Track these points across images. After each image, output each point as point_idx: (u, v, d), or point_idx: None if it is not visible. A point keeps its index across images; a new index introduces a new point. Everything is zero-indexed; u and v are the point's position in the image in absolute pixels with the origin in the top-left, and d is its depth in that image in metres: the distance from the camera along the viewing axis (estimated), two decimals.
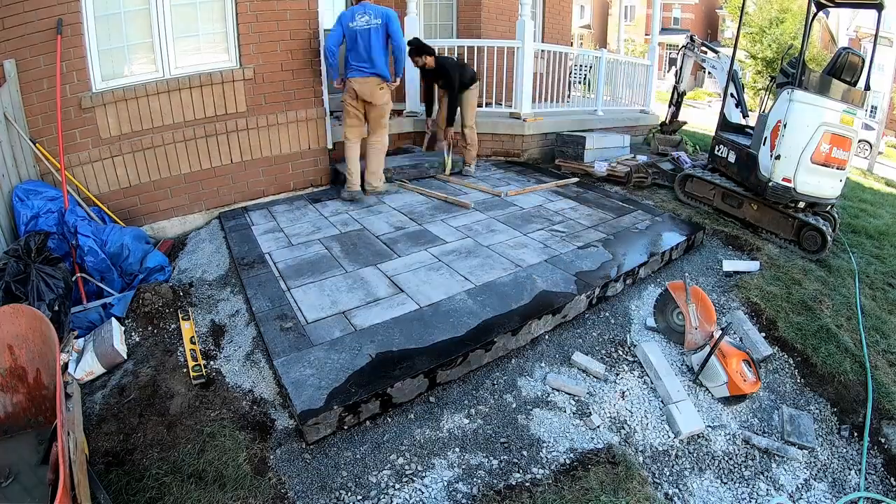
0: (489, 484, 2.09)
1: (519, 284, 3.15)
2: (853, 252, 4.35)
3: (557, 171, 5.86)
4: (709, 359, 2.75)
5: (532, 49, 5.90)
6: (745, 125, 5.14)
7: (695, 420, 2.54)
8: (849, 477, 2.48)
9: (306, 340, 2.60)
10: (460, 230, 3.96)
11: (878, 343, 3.17)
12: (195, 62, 3.97)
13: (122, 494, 1.89)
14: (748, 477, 2.39)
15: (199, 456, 2.05)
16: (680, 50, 6.62)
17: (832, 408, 2.84)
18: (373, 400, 2.28)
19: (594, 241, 3.83)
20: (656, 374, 2.74)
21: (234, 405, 2.36)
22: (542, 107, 6.60)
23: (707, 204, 4.89)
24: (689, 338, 2.94)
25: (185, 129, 3.98)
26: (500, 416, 2.42)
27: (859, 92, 4.04)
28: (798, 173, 4.00)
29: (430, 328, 2.70)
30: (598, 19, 34.85)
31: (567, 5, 9.09)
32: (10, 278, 2.41)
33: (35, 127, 3.41)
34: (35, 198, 3.19)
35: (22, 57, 3.28)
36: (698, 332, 2.92)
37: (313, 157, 4.74)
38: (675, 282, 3.15)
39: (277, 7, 4.17)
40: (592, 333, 3.03)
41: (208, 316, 3.02)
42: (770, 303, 3.41)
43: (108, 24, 3.59)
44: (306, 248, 3.64)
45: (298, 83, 4.44)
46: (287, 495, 1.98)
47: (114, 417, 2.27)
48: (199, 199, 4.21)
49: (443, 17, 7.49)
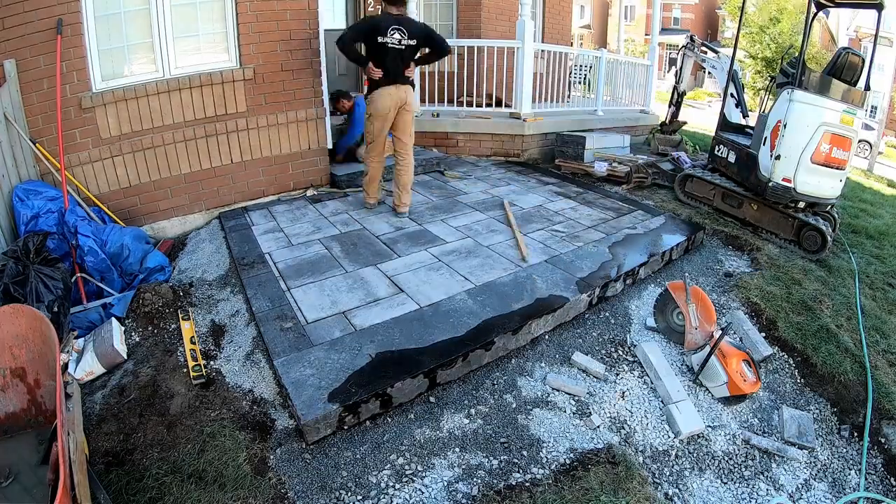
0: (489, 484, 2.09)
1: (519, 284, 3.15)
2: (853, 252, 4.36)
3: (557, 171, 5.86)
4: (709, 358, 2.75)
5: (532, 49, 5.90)
6: (745, 125, 5.14)
7: (695, 420, 2.54)
8: (849, 477, 2.48)
9: (306, 340, 2.60)
10: (460, 230, 3.96)
11: (878, 343, 3.17)
12: (195, 62, 3.97)
13: (122, 494, 1.89)
14: (748, 477, 2.39)
15: (199, 456, 2.05)
16: (680, 50, 6.63)
17: (832, 408, 2.84)
18: (373, 400, 2.28)
19: (594, 241, 3.83)
20: (656, 374, 2.74)
21: (234, 405, 2.36)
22: (542, 107, 6.60)
23: (707, 204, 4.89)
24: (689, 338, 2.94)
25: (186, 129, 3.98)
26: (500, 416, 2.42)
27: (859, 92, 4.04)
28: (798, 173, 4.00)
29: (430, 328, 2.70)
30: (598, 19, 34.85)
31: (567, 5, 9.09)
32: (8, 280, 2.40)
33: (35, 127, 3.41)
34: (35, 198, 3.19)
35: (22, 57, 3.27)
36: (698, 332, 2.92)
37: (313, 157, 4.74)
38: (675, 282, 3.14)
39: (277, 7, 4.17)
40: (592, 333, 3.03)
41: (208, 316, 3.02)
42: (770, 303, 3.41)
43: (108, 24, 3.58)
44: (306, 248, 3.64)
45: (298, 83, 4.44)
46: (287, 495, 1.98)
47: (114, 417, 2.27)
48: (199, 199, 4.21)
49: (443, 17, 7.49)
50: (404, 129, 4.08)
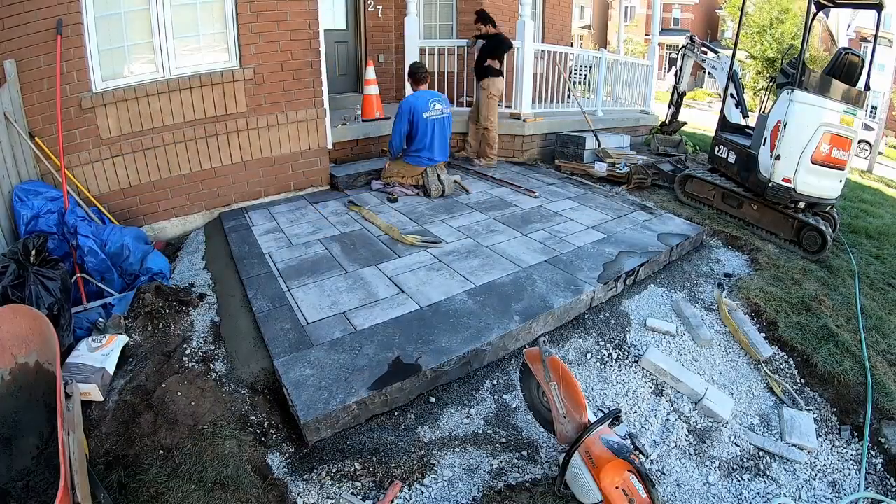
0: (489, 484, 2.09)
1: (519, 285, 3.15)
2: (853, 252, 4.35)
3: (557, 172, 5.86)
4: (569, 460, 1.93)
5: (532, 49, 5.90)
6: (745, 125, 5.14)
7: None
8: (849, 477, 2.47)
9: (306, 341, 2.60)
10: (460, 230, 3.96)
11: (878, 343, 3.17)
12: (195, 62, 3.97)
13: (122, 494, 1.89)
14: (748, 477, 2.38)
15: (199, 456, 2.05)
16: (680, 50, 6.63)
17: (832, 408, 2.83)
18: (373, 400, 2.28)
19: (594, 241, 3.83)
20: (673, 377, 2.72)
21: (235, 406, 2.36)
22: (542, 107, 6.60)
23: (707, 204, 4.89)
24: (558, 427, 2.09)
25: (186, 129, 3.98)
26: (500, 416, 2.42)
27: (859, 92, 4.04)
28: (798, 173, 4.00)
29: (430, 328, 2.70)
30: (598, 19, 34.86)
31: (567, 5, 9.09)
32: (7, 282, 2.39)
33: (35, 127, 3.41)
34: (35, 198, 3.18)
35: (22, 57, 3.27)
36: (567, 420, 2.05)
37: (313, 158, 4.74)
38: (531, 349, 2.30)
39: (277, 7, 4.17)
40: (592, 334, 3.03)
41: (208, 316, 3.02)
42: (770, 303, 3.41)
43: (109, 24, 3.59)
44: (306, 248, 3.64)
45: (298, 83, 4.44)
46: (288, 496, 1.98)
47: (114, 417, 2.27)
48: (200, 200, 4.21)
49: (443, 17, 7.49)
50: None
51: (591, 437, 1.88)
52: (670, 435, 2.50)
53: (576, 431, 1.99)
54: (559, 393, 2.07)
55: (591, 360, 2.85)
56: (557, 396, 2.06)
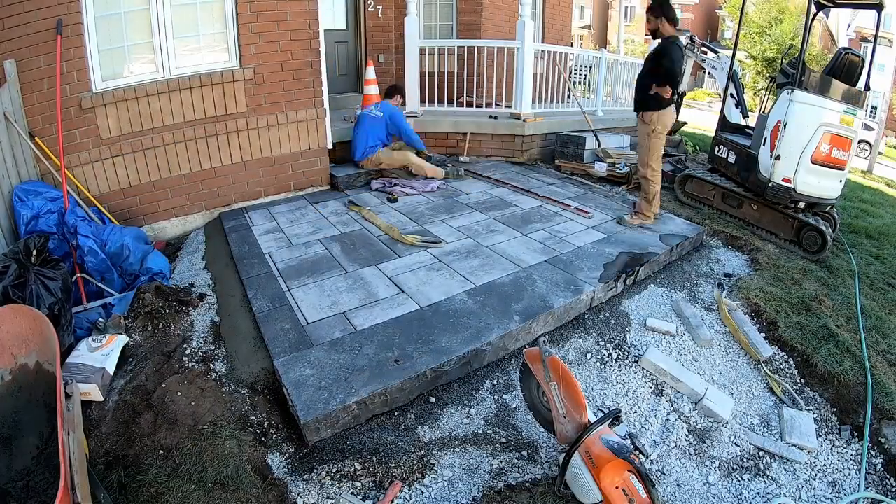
0: (489, 484, 2.09)
1: (519, 285, 3.15)
2: (853, 252, 4.36)
3: (557, 171, 5.86)
4: (569, 459, 1.93)
5: (532, 49, 5.90)
6: (745, 125, 5.14)
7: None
8: (849, 477, 2.47)
9: (306, 340, 2.60)
10: (460, 230, 3.96)
11: (878, 343, 3.17)
12: (195, 62, 3.97)
13: (122, 494, 1.89)
14: (748, 477, 2.38)
15: (199, 456, 2.05)
16: None
17: (832, 408, 2.83)
18: (372, 400, 2.28)
19: (594, 241, 3.83)
20: (673, 377, 2.72)
21: (235, 405, 2.36)
22: (542, 107, 6.60)
23: (707, 204, 4.89)
24: (558, 428, 2.09)
25: (186, 129, 3.98)
26: (500, 416, 2.42)
27: (859, 92, 4.05)
28: (798, 173, 4.00)
29: (430, 328, 2.70)
30: (598, 19, 34.85)
31: (567, 5, 9.10)
32: (8, 282, 2.39)
33: (35, 127, 3.41)
34: (35, 198, 3.18)
35: (22, 57, 3.27)
36: (567, 421, 2.05)
37: (313, 158, 4.74)
38: (531, 349, 2.30)
39: (277, 7, 4.17)
40: (592, 333, 3.03)
41: (208, 316, 3.02)
42: (770, 303, 3.41)
43: (109, 24, 3.59)
44: (306, 248, 3.64)
45: (298, 83, 4.44)
46: (288, 496, 1.98)
47: (114, 417, 2.27)
48: (200, 200, 4.21)
49: (443, 17, 7.49)
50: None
51: (591, 437, 1.88)
52: (670, 435, 2.50)
53: (576, 431, 1.99)
54: (559, 393, 2.07)
55: (591, 360, 2.85)
56: (557, 396, 2.06)
